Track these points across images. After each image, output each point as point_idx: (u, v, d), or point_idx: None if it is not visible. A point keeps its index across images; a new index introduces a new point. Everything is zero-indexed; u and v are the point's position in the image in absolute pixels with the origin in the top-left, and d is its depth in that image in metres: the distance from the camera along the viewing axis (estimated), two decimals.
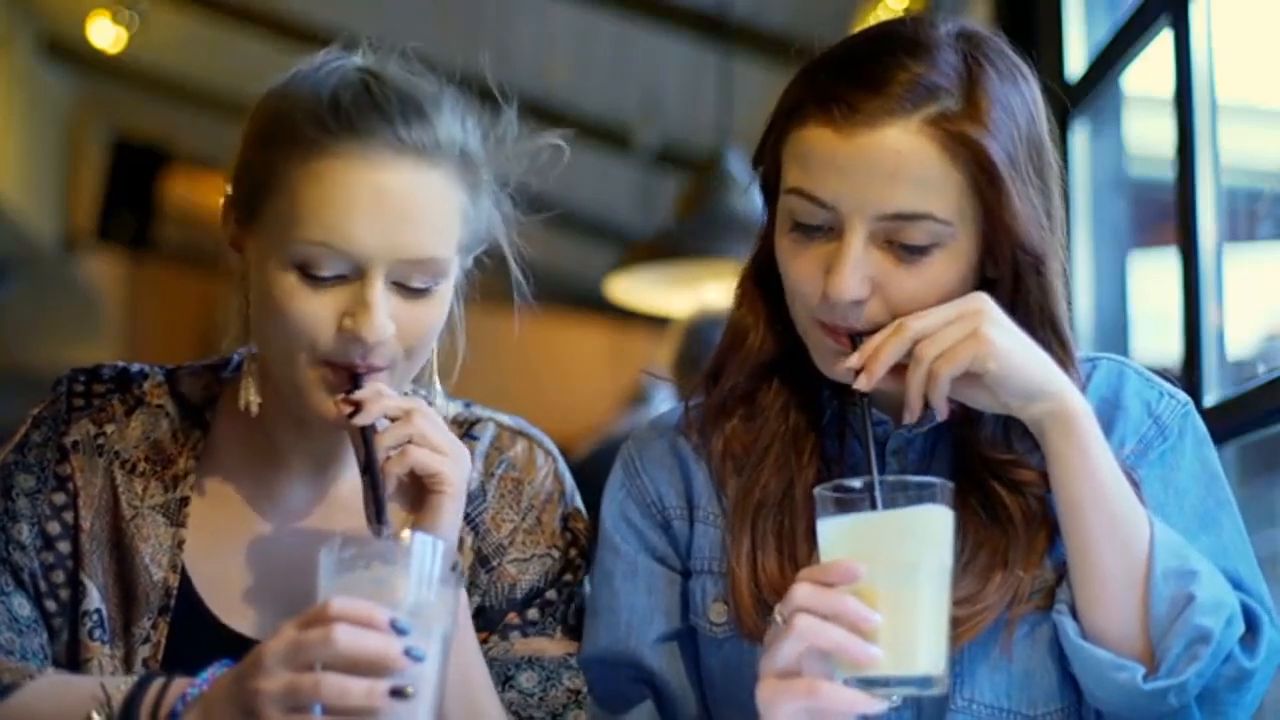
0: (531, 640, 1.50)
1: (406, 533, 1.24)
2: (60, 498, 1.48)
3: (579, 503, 1.59)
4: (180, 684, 1.30)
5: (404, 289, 1.38)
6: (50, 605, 1.45)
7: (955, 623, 1.30)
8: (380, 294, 1.36)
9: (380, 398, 1.36)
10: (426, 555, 1.21)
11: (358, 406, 1.36)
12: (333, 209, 1.35)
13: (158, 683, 1.31)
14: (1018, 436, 1.38)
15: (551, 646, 1.50)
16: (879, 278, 1.33)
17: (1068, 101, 3.05)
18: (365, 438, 1.36)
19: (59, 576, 1.46)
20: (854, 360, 1.32)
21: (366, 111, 1.37)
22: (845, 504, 1.22)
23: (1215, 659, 1.28)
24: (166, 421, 1.52)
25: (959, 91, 1.32)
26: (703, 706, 1.46)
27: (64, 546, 1.46)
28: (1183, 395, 1.45)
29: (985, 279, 1.37)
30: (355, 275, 1.36)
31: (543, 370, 7.71)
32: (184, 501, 1.48)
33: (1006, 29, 3.36)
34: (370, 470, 1.35)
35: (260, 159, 1.40)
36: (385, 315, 1.36)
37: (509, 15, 5.55)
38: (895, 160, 1.30)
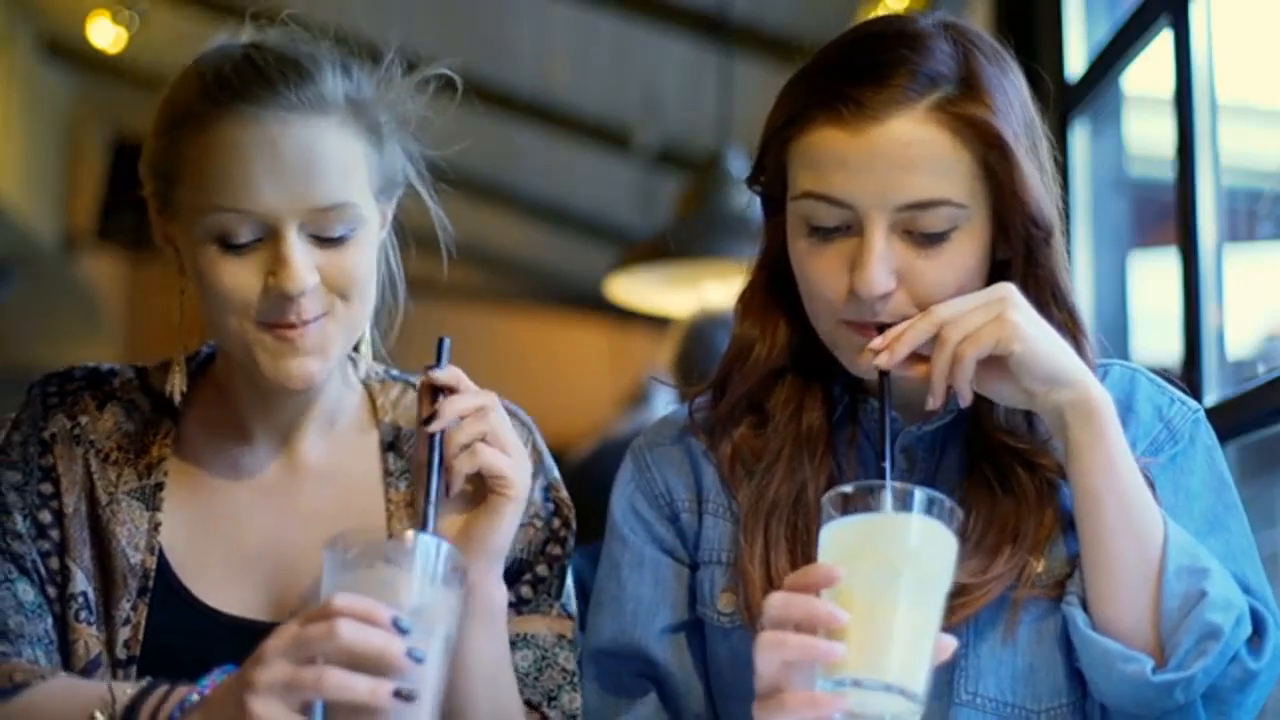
0: (526, 618, 1.51)
1: (410, 533, 1.23)
2: (47, 487, 1.50)
3: (558, 475, 1.59)
4: (184, 690, 1.31)
5: (321, 240, 1.41)
6: (51, 591, 1.47)
7: (963, 591, 1.31)
8: (295, 248, 1.39)
9: (455, 399, 1.36)
10: (430, 556, 1.21)
11: (433, 414, 1.36)
12: (233, 174, 1.39)
13: (163, 688, 1.32)
14: (1037, 424, 1.39)
15: (545, 625, 1.52)
16: (901, 268, 1.34)
17: (1067, 101, 3.05)
18: (434, 440, 1.35)
19: (54, 563, 1.48)
20: (878, 341, 1.33)
21: (250, 79, 1.42)
22: (839, 509, 1.21)
23: (1223, 657, 1.29)
24: (138, 414, 1.55)
25: (957, 77, 1.34)
26: (708, 700, 1.47)
27: (55, 534, 1.49)
28: (1194, 402, 1.46)
29: (996, 262, 1.39)
30: (270, 236, 1.40)
31: (543, 370, 7.71)
32: (159, 486, 1.51)
33: (1006, 29, 3.38)
34: (429, 470, 1.34)
35: (161, 147, 1.46)
36: (305, 267, 1.39)
37: (509, 15, 5.55)
38: (907, 150, 1.32)
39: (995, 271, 1.39)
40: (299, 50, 1.47)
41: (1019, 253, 1.38)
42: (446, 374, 1.37)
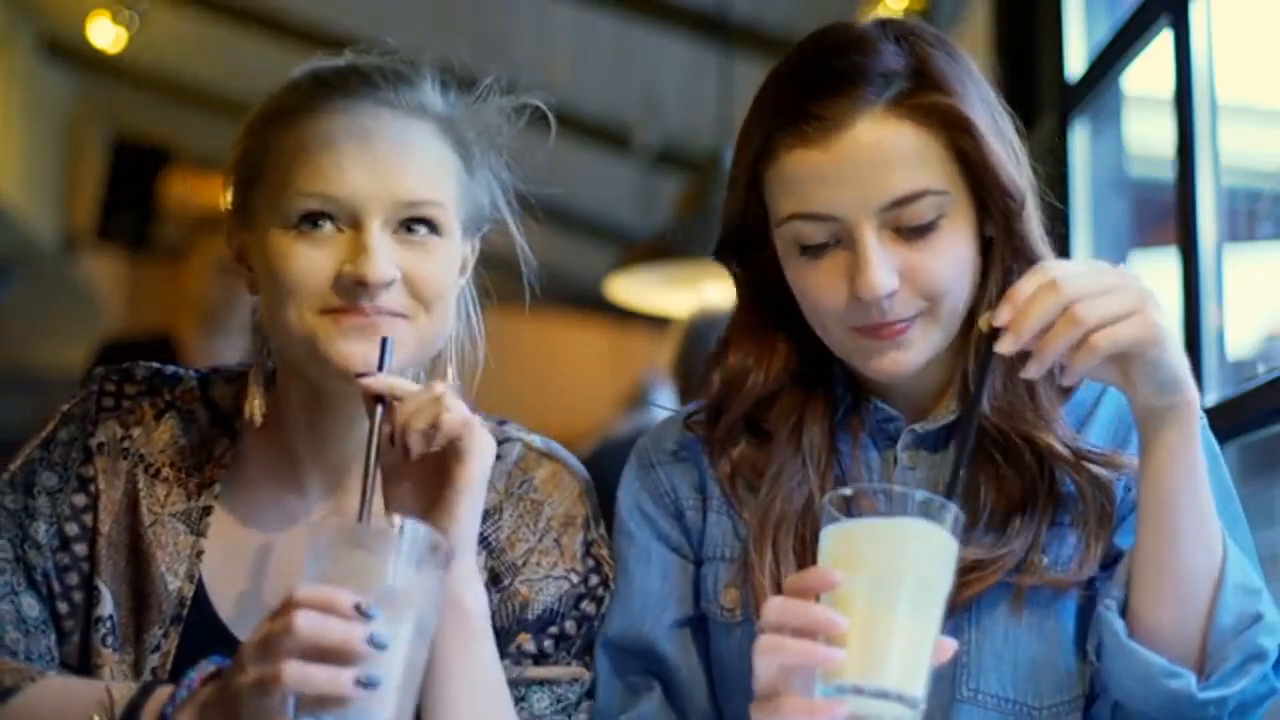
0: (545, 668, 1.47)
1: (395, 517, 1.22)
2: (81, 499, 1.46)
3: (604, 531, 1.55)
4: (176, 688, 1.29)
5: (403, 238, 1.39)
6: (62, 607, 1.44)
7: (976, 567, 1.32)
8: (378, 238, 1.37)
9: (405, 401, 1.33)
10: (401, 540, 1.20)
11: (369, 374, 1.33)
12: (323, 158, 1.37)
13: (164, 690, 1.30)
14: (1040, 399, 1.40)
15: (561, 672, 1.48)
16: (900, 266, 1.35)
17: (1067, 101, 3.05)
18: (370, 436, 1.32)
19: (73, 579, 1.45)
20: (1003, 315, 1.25)
21: (349, 77, 1.42)
22: (840, 511, 1.20)
23: (1258, 677, 1.29)
24: (196, 428, 1.51)
25: (909, 71, 1.36)
26: (711, 695, 1.47)
27: (80, 549, 1.45)
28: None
29: (986, 240, 1.41)
30: (352, 225, 1.38)
31: (543, 370, 7.70)
32: (207, 510, 1.47)
33: (1006, 30, 3.38)
34: (367, 463, 1.31)
35: (250, 147, 1.44)
36: (386, 258, 1.37)
37: (509, 15, 5.55)
38: (877, 150, 1.34)
39: (984, 249, 1.41)
40: (400, 62, 1.46)
41: (1000, 226, 1.39)
42: (379, 383, 1.34)
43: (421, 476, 1.36)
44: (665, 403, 4.34)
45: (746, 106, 1.43)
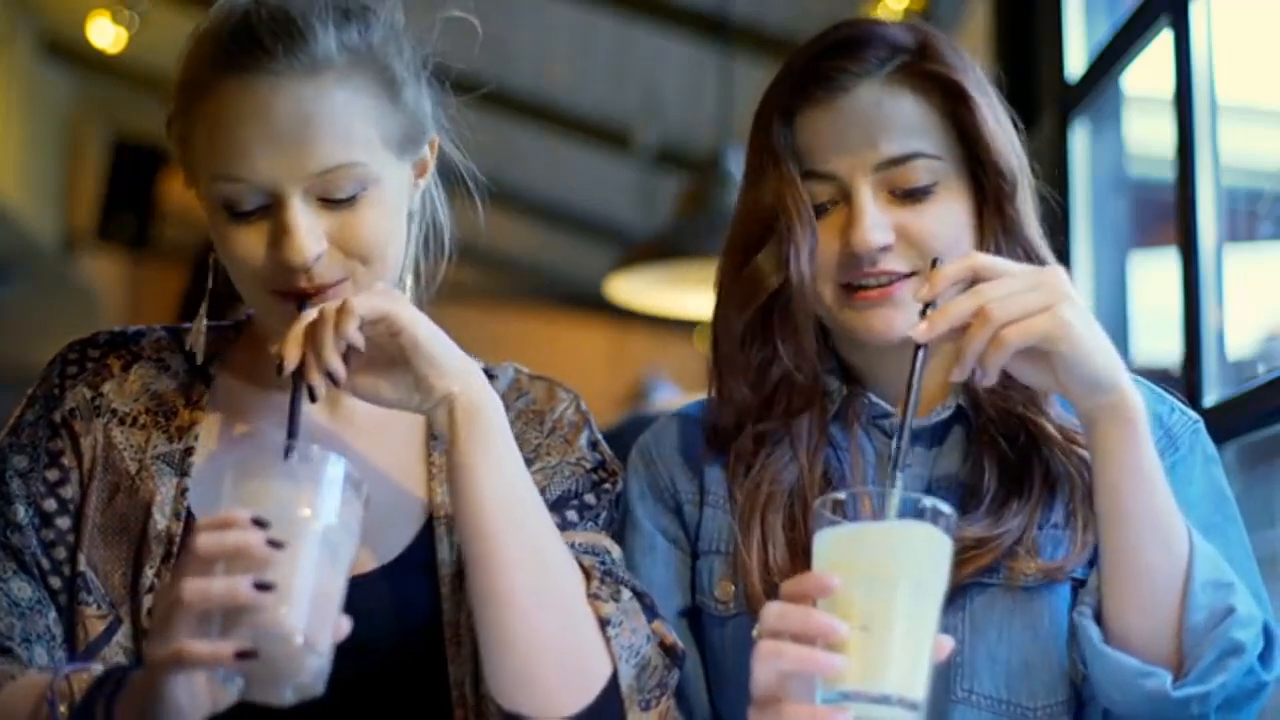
0: (575, 533, 1.46)
1: (315, 448, 1.21)
2: (54, 474, 1.46)
3: (600, 435, 1.57)
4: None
5: (328, 202, 1.38)
6: (55, 582, 1.43)
7: (975, 545, 1.33)
8: (297, 216, 1.36)
9: (309, 349, 1.33)
10: (297, 463, 1.20)
11: (285, 369, 1.33)
12: (229, 143, 1.37)
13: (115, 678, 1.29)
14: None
15: (583, 537, 1.46)
16: (895, 225, 1.40)
17: (1067, 101, 3.06)
18: (294, 379, 1.33)
19: (60, 553, 1.44)
20: (922, 292, 1.29)
21: (244, 46, 1.38)
22: (833, 515, 1.19)
23: (1240, 672, 1.29)
24: (169, 375, 1.51)
25: (915, 46, 1.44)
26: (707, 686, 1.48)
27: (63, 523, 1.45)
28: (1193, 413, 1.48)
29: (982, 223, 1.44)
30: (273, 203, 1.37)
31: (542, 370, 7.69)
32: (189, 452, 1.47)
33: (1006, 29, 3.38)
34: (291, 401, 1.32)
35: (176, 110, 1.44)
36: (307, 236, 1.36)
37: (509, 15, 5.55)
38: (875, 113, 1.41)
39: (982, 231, 1.44)
40: (295, 7, 1.40)
41: (992, 205, 1.43)
42: (290, 365, 1.33)
43: (384, 358, 1.36)
44: (664, 399, 4.34)
45: (747, 106, 1.45)
